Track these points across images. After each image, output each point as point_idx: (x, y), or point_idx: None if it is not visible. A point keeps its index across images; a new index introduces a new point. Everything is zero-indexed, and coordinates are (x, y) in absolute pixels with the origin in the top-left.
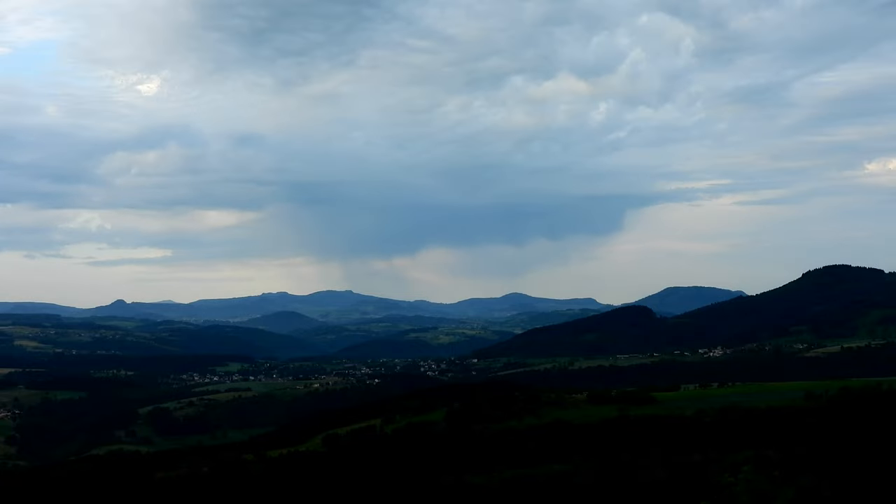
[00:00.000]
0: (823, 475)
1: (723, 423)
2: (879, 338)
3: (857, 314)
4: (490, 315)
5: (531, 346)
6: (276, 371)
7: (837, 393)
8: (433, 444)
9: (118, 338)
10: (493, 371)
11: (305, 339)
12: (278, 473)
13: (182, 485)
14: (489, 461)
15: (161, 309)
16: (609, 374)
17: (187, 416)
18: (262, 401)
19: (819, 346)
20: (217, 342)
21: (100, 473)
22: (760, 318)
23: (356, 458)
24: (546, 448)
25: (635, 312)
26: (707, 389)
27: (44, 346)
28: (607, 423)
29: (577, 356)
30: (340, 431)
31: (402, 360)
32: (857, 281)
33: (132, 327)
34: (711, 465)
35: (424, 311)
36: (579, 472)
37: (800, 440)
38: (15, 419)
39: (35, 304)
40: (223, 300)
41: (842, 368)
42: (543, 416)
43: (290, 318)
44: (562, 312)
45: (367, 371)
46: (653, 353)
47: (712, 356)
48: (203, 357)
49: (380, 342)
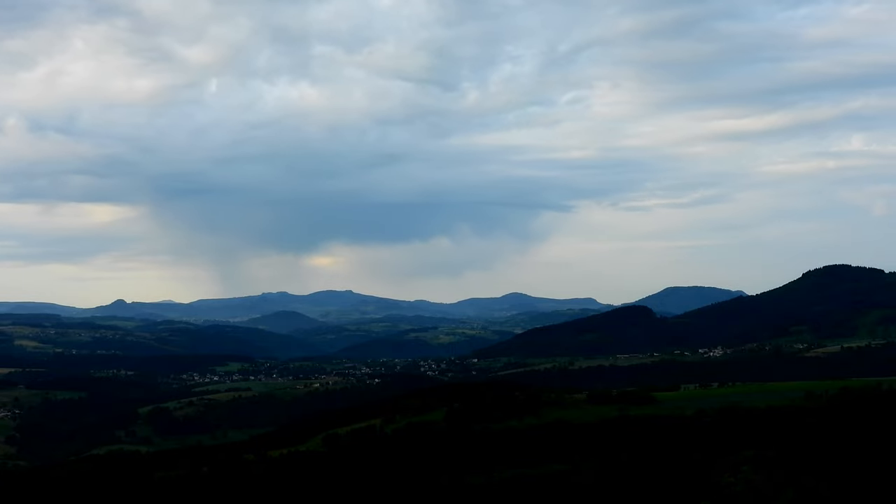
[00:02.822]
0: (823, 475)
1: (723, 423)
2: (879, 338)
3: (857, 314)
4: (490, 315)
5: (531, 345)
6: (276, 371)
7: (837, 393)
8: (433, 444)
9: (118, 338)
10: (494, 371)
11: (305, 338)
12: (278, 473)
13: (182, 485)
14: (489, 461)
15: (161, 309)
16: (609, 374)
17: (187, 416)
18: (262, 401)
19: (819, 346)
20: (217, 342)
21: (100, 473)
22: (760, 318)
23: (356, 458)
24: (546, 448)
25: (635, 312)
26: (707, 389)
27: (44, 346)
28: (607, 423)
29: (577, 356)
30: (340, 431)
31: (402, 360)
32: (857, 281)
33: (132, 327)
34: (711, 465)
35: (424, 311)
36: (579, 472)
37: (800, 440)
38: (15, 419)
39: (35, 304)
40: (223, 300)
41: (842, 368)
42: (543, 415)
43: (290, 318)
44: (562, 312)
45: (367, 371)
46: (653, 353)
47: (712, 356)
48: (203, 357)
49: (380, 342)
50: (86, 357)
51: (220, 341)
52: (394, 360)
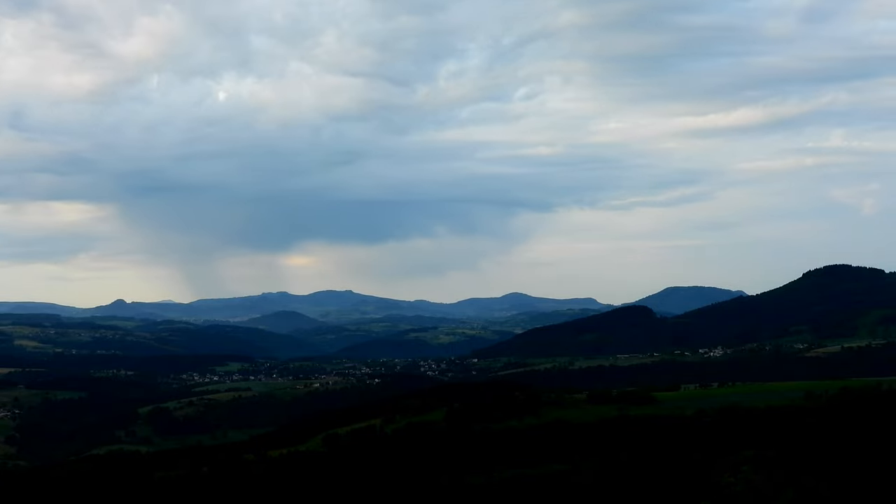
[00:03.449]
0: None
1: (723, 423)
2: (879, 338)
3: (857, 314)
4: (490, 315)
5: (531, 345)
6: (276, 371)
7: (837, 393)
8: (433, 444)
9: (118, 338)
10: (494, 371)
11: (305, 338)
12: (278, 473)
13: (182, 485)
14: (489, 461)
15: (161, 309)
16: (609, 374)
17: (187, 416)
18: (262, 401)
19: (819, 346)
20: (217, 342)
21: (100, 473)
22: (760, 318)
23: (356, 458)
24: (546, 448)
25: (635, 312)
26: (707, 389)
27: (44, 345)
28: (607, 423)
29: (577, 356)
30: (340, 431)
31: (402, 360)
32: (857, 281)
33: (132, 327)
34: (711, 465)
35: (424, 311)
36: (579, 472)
37: (800, 440)
38: (15, 419)
39: (35, 304)
40: (223, 300)
41: (842, 368)
42: (543, 415)
43: (290, 318)
44: (562, 312)
45: (367, 371)
46: (653, 353)
47: (712, 356)
48: (203, 357)
49: (380, 342)
50: (86, 357)
51: (220, 341)
52: (394, 360)
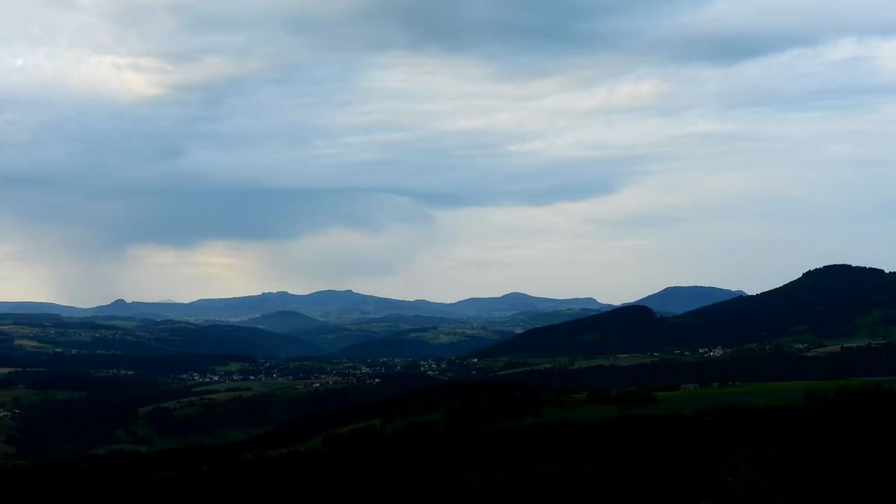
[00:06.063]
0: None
1: (723, 423)
2: (879, 338)
3: (857, 314)
4: (490, 315)
5: (531, 345)
6: (276, 371)
7: (837, 393)
8: (433, 444)
9: (118, 337)
10: (494, 371)
11: (305, 338)
12: (278, 473)
13: (182, 485)
14: (489, 461)
15: (161, 308)
16: (609, 374)
17: (187, 416)
18: (262, 400)
19: (819, 346)
20: (217, 342)
21: (100, 473)
22: (760, 318)
23: (356, 458)
24: (546, 448)
25: (635, 312)
26: (707, 389)
27: (44, 345)
28: (607, 423)
29: (577, 356)
30: (340, 431)
31: (402, 360)
32: (857, 281)
33: (132, 327)
34: (711, 465)
35: (424, 311)
36: (579, 472)
37: (800, 440)
38: (15, 419)
39: (35, 304)
40: (223, 300)
41: (842, 368)
42: (543, 415)
43: (290, 318)
44: (562, 312)
45: (367, 371)
46: (653, 353)
47: (712, 356)
48: (203, 357)
49: (380, 342)
50: (86, 357)
51: (220, 341)
52: (394, 360)
